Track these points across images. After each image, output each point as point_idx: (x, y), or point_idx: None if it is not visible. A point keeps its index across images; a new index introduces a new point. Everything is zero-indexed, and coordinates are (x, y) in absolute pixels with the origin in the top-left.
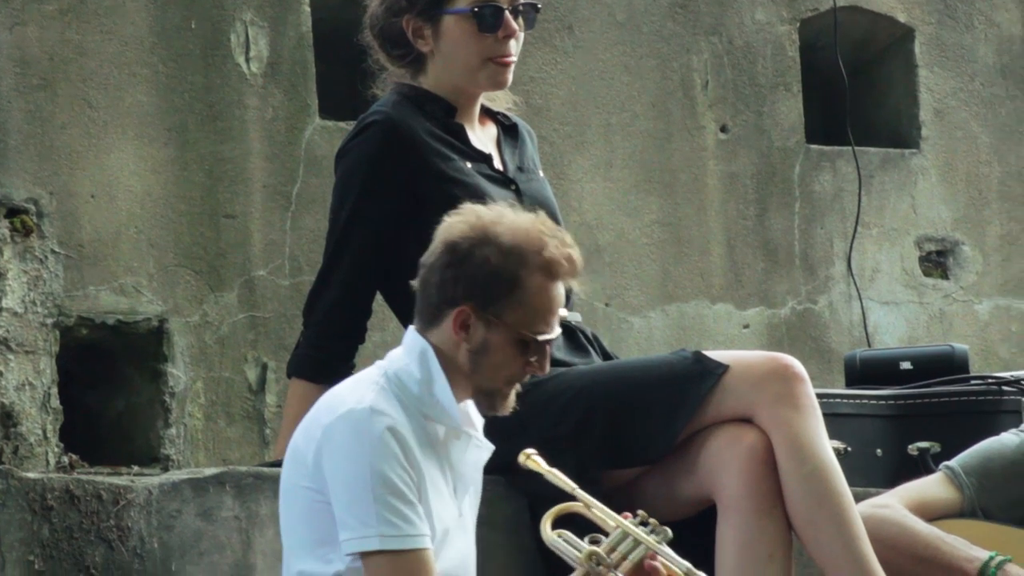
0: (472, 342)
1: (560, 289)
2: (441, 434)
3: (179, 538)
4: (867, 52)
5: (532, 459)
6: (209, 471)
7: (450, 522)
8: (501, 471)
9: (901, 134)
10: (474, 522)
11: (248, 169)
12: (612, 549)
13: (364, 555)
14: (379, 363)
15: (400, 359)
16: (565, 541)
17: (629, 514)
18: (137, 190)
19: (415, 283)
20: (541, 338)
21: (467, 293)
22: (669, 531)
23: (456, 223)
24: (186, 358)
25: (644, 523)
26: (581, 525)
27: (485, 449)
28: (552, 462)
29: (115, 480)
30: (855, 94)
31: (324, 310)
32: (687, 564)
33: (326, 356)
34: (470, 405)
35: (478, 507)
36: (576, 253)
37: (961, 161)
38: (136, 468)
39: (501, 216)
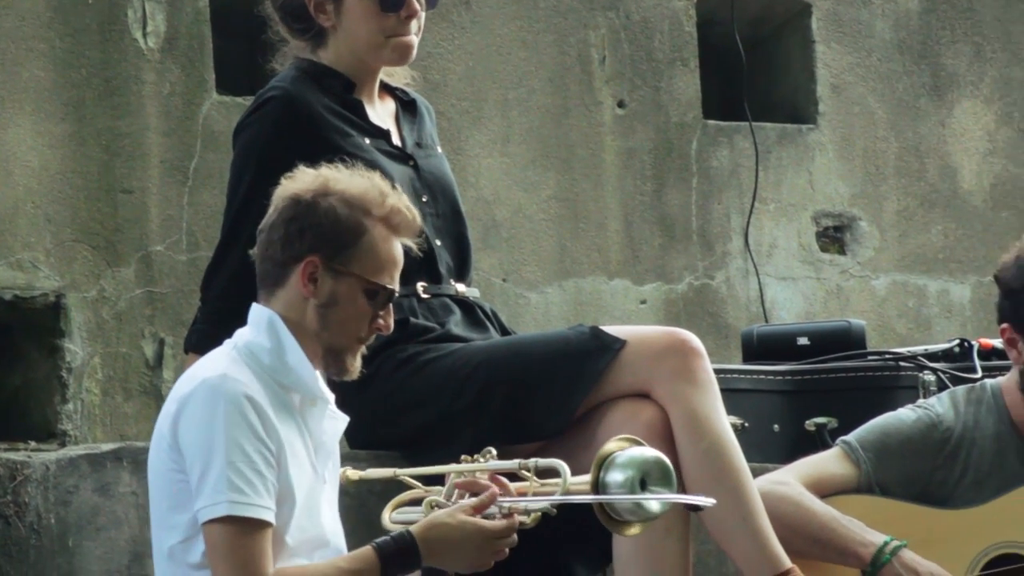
0: (320, 295)
1: (400, 247)
2: (297, 402)
3: (76, 514)
4: (764, 27)
5: (347, 473)
6: (106, 446)
7: (313, 489)
8: (399, 445)
9: (798, 109)
10: (336, 492)
11: (145, 144)
12: (449, 495)
13: (210, 524)
14: (228, 341)
15: (248, 333)
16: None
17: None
18: (34, 165)
19: (254, 251)
20: (389, 286)
21: (314, 244)
22: (493, 450)
23: (294, 182)
24: (83, 333)
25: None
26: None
27: (340, 420)
28: (450, 438)
29: (12, 456)
30: (752, 69)
31: (221, 285)
32: (516, 461)
33: (222, 331)
34: (322, 383)
35: (338, 479)
36: (415, 212)
37: (858, 136)
38: (33, 444)
39: (339, 172)
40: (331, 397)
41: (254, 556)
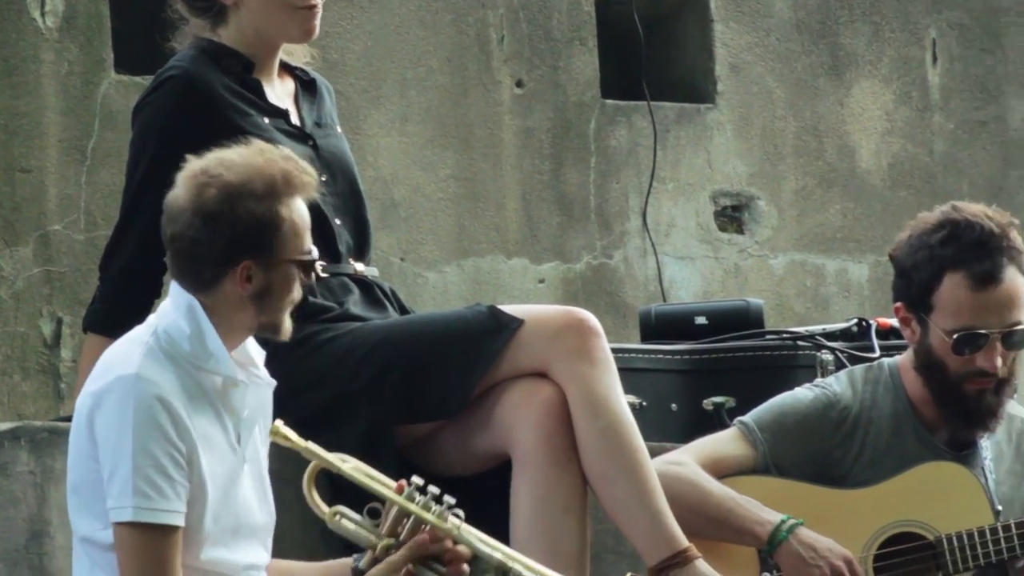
0: (255, 288)
1: (304, 205)
2: (219, 384)
3: None
4: (662, 6)
5: (281, 432)
6: (3, 426)
7: (233, 474)
8: (297, 425)
9: (696, 89)
10: (266, 460)
11: (43, 123)
12: (395, 531)
13: (117, 525)
14: (150, 319)
15: (168, 314)
16: (348, 520)
17: (404, 482)
18: None
19: (168, 244)
20: (313, 251)
21: (244, 250)
22: (451, 499)
23: (199, 189)
24: None
25: (421, 490)
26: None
27: (267, 385)
28: (348, 416)
29: None
30: (651, 49)
31: (120, 265)
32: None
33: (121, 311)
34: (250, 343)
35: (269, 443)
36: (303, 163)
37: (756, 116)
38: None
39: (229, 164)
40: (260, 360)
41: (160, 560)
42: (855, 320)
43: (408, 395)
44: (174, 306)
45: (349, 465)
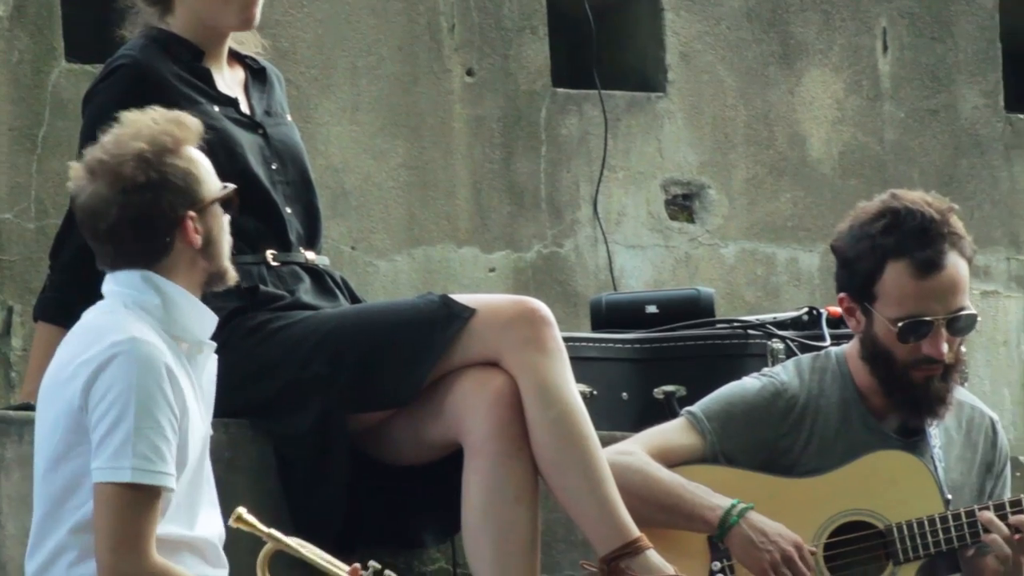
0: (202, 239)
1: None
2: (185, 350)
3: None
4: None
5: (244, 519)
6: None
7: (202, 441)
8: (248, 413)
9: (647, 77)
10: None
11: None
12: None
13: (107, 485)
14: (104, 304)
15: (126, 294)
16: None
17: (358, 566)
18: None
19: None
20: (228, 186)
21: (182, 203)
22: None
23: (115, 172)
24: None
25: (378, 574)
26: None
27: (213, 360)
28: (299, 405)
29: None
30: (601, 37)
31: (71, 253)
32: None
33: (72, 299)
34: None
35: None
36: (175, 112)
37: (707, 105)
38: None
39: (127, 138)
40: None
41: (143, 522)
42: (806, 309)
43: (359, 384)
44: (126, 286)
45: (307, 549)
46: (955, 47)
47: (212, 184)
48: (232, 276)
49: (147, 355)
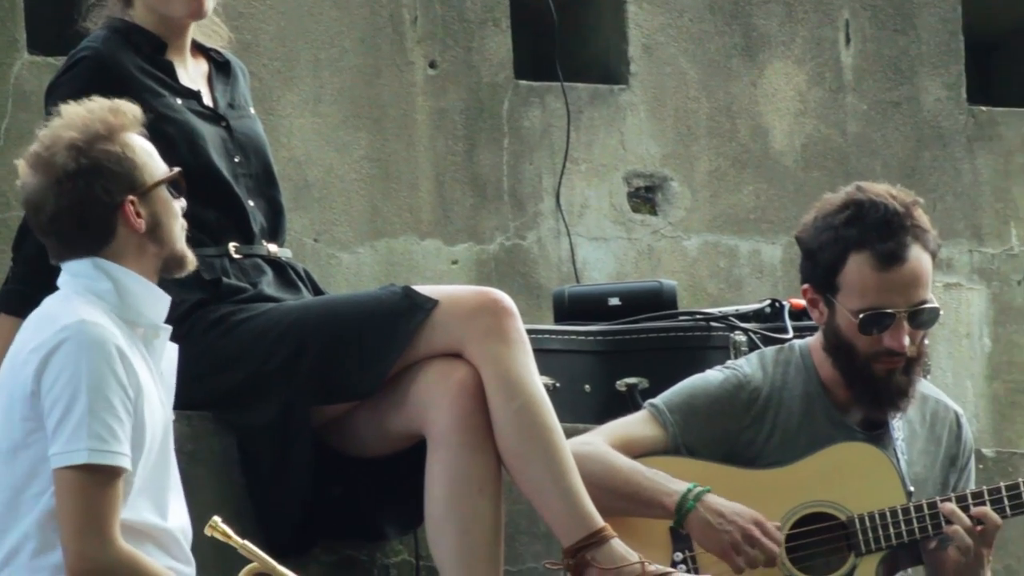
0: (147, 223)
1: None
2: (141, 335)
3: None
4: None
5: (218, 528)
6: None
7: (167, 425)
8: (211, 406)
9: (610, 70)
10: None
11: None
12: None
13: (66, 469)
14: (59, 294)
15: (79, 282)
16: None
17: None
18: None
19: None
20: (173, 169)
21: (119, 188)
22: None
23: (47, 163)
24: None
25: None
26: None
27: (172, 349)
28: (262, 397)
29: None
30: (564, 30)
31: (33, 245)
32: None
33: (34, 291)
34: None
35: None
36: (114, 100)
37: (670, 97)
38: None
39: (59, 129)
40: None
41: (105, 505)
42: (768, 301)
43: (322, 376)
44: (78, 275)
45: (283, 568)
46: (917, 39)
47: (154, 168)
48: (191, 261)
49: (96, 337)
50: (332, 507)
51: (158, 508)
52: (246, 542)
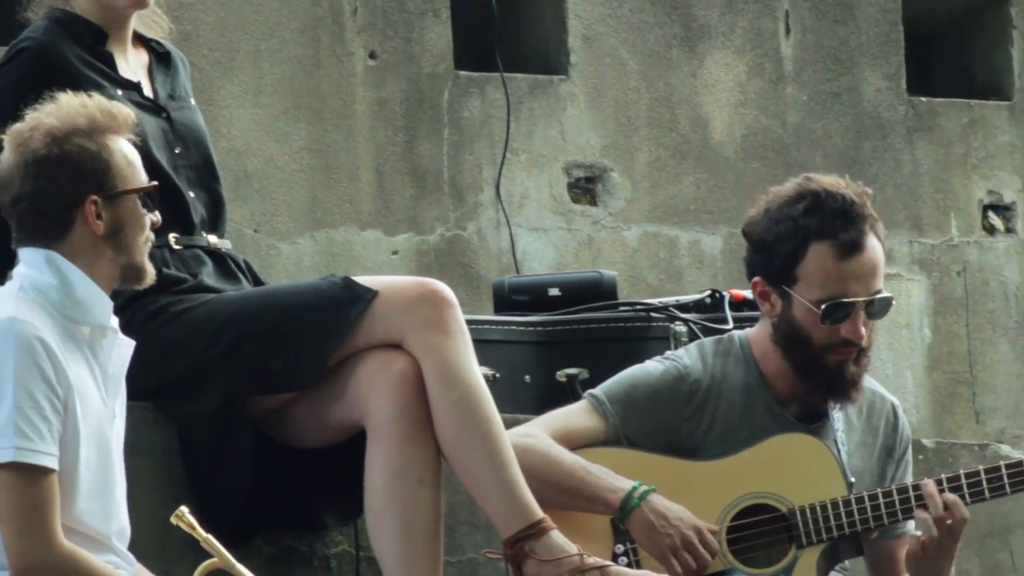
0: (107, 226)
1: (129, 143)
2: (87, 335)
3: None
4: None
5: (185, 518)
6: None
7: (103, 424)
8: (151, 396)
9: (550, 60)
10: (123, 424)
11: None
12: None
13: None
14: (9, 284)
15: (27, 275)
16: None
17: None
18: None
19: (11, 210)
20: (149, 181)
21: (85, 187)
22: None
23: (24, 144)
24: None
25: None
26: None
27: (127, 345)
28: (202, 387)
29: None
30: (504, 20)
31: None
32: None
33: None
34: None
35: (125, 412)
36: (114, 102)
37: (610, 88)
38: None
39: (48, 113)
40: (116, 323)
41: (41, 502)
42: (708, 292)
43: (262, 366)
44: (30, 266)
45: (242, 567)
46: (857, 30)
47: (130, 176)
48: (150, 275)
49: (21, 334)
50: (272, 498)
51: (103, 510)
52: (209, 536)
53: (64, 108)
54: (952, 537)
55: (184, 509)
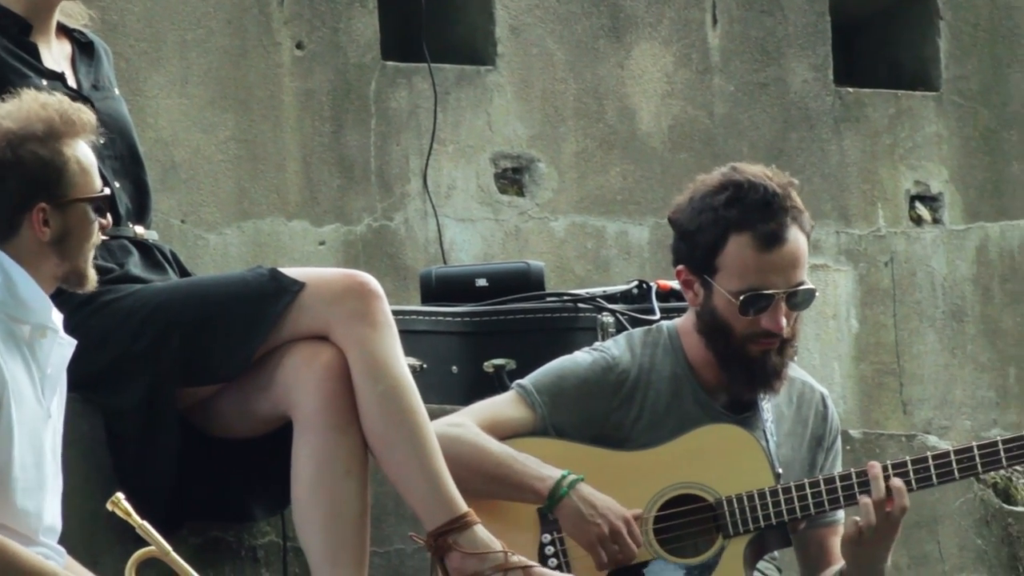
0: (54, 233)
1: (87, 146)
2: (27, 334)
3: None
4: None
5: (121, 505)
6: None
7: (37, 423)
8: (79, 388)
9: (477, 51)
10: (61, 423)
11: None
12: None
13: None
14: None
15: None
16: None
17: None
18: None
19: None
20: (102, 189)
21: (35, 193)
22: None
23: None
24: None
25: None
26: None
27: (68, 345)
28: (129, 378)
29: None
30: (431, 10)
31: None
32: None
33: None
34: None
35: (64, 408)
36: (77, 105)
37: (537, 78)
38: None
39: (6, 113)
40: (59, 321)
41: None
42: (635, 282)
43: (188, 357)
44: None
45: (175, 555)
46: (784, 20)
47: (82, 183)
48: (91, 281)
49: None
50: (199, 489)
51: (36, 509)
52: (144, 523)
53: (24, 110)
54: (890, 524)
55: (120, 496)
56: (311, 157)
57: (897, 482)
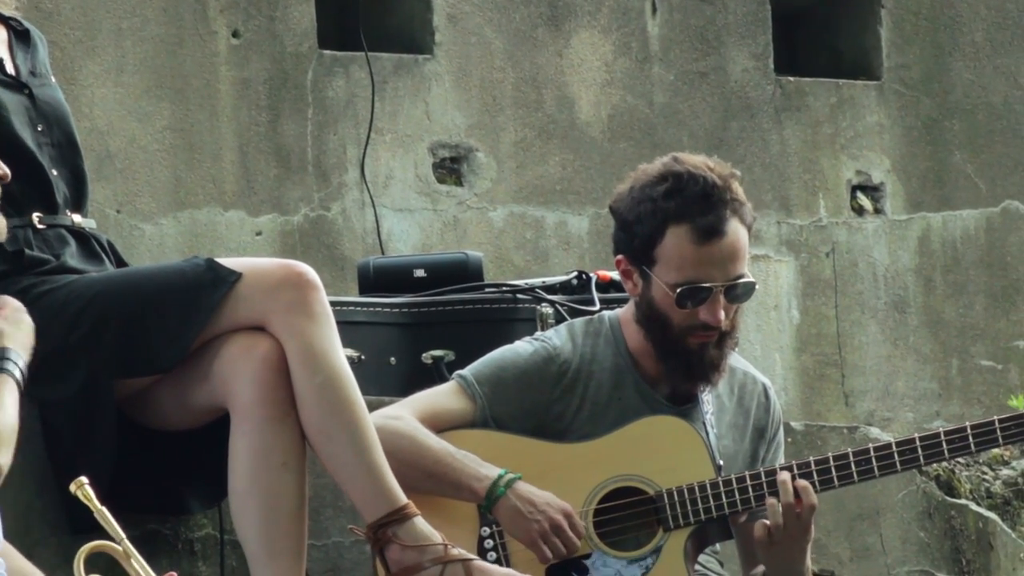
0: None
1: None
2: None
3: None
4: None
5: (84, 489)
6: None
7: None
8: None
9: (415, 39)
10: None
11: None
12: None
13: None
14: None
15: None
16: None
17: (174, 574)
18: None
19: None
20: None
21: None
22: None
23: None
24: None
25: None
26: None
27: None
28: (66, 369)
29: None
30: None
31: None
32: None
33: None
34: None
35: None
36: None
37: (475, 67)
38: None
39: None
40: None
41: None
42: (575, 273)
43: (125, 348)
44: None
45: (125, 545)
46: (724, 9)
47: None
48: (1, 230)
49: None
50: (136, 481)
51: None
52: (103, 509)
53: None
54: (801, 525)
55: (83, 480)
56: (248, 147)
57: (802, 483)
